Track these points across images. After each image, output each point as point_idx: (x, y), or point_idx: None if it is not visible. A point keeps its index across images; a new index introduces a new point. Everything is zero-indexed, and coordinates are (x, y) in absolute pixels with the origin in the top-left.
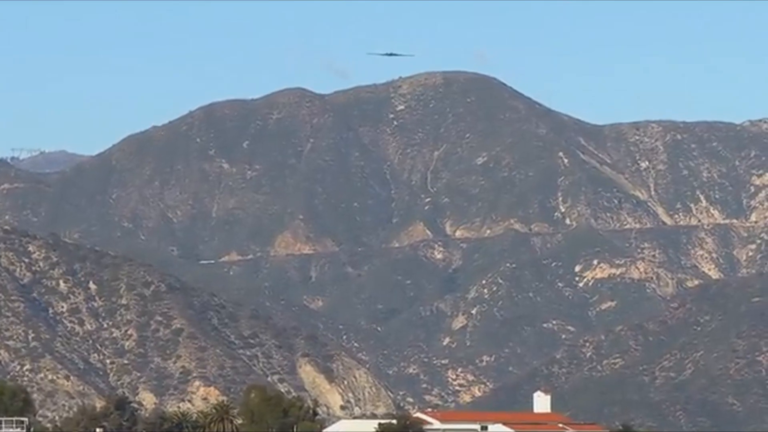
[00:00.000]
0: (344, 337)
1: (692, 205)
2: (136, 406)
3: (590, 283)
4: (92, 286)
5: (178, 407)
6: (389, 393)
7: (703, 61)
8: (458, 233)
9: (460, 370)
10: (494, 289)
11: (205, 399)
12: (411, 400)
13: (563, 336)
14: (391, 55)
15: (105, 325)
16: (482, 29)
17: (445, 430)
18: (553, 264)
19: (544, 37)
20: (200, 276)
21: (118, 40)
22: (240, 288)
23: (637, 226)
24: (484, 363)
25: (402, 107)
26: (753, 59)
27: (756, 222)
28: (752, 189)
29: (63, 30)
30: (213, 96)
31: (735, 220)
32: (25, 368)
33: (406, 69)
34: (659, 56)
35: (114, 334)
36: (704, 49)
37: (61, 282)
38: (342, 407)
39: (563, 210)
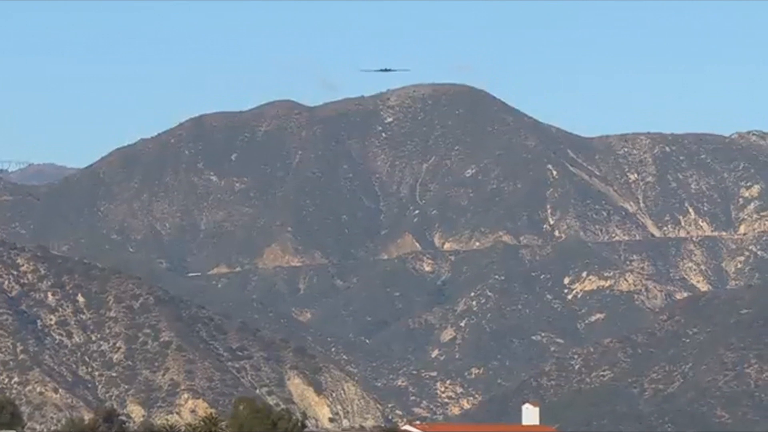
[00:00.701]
0: (333, 349)
1: (681, 217)
2: (124, 418)
3: (579, 296)
4: (80, 298)
5: (167, 420)
6: (378, 405)
7: (692, 73)
8: (447, 245)
9: (448, 382)
10: (483, 301)
11: (193, 411)
12: (400, 412)
13: (552, 348)
14: (385, 71)
15: (93, 338)
16: (471, 42)
17: None
18: (542, 276)
19: (533, 50)
20: (189, 288)
21: (106, 53)
22: (228, 300)
23: (626, 238)
24: (472, 375)
25: (390, 119)
26: (741, 71)
27: (745, 234)
28: (741, 201)
29: (52, 43)
30: (201, 108)
31: (724, 233)
32: (13, 381)
33: (394, 81)
34: (648, 68)
35: (102, 347)
36: (693, 61)
37: (49, 294)
38: (330, 420)
39: (552, 222)
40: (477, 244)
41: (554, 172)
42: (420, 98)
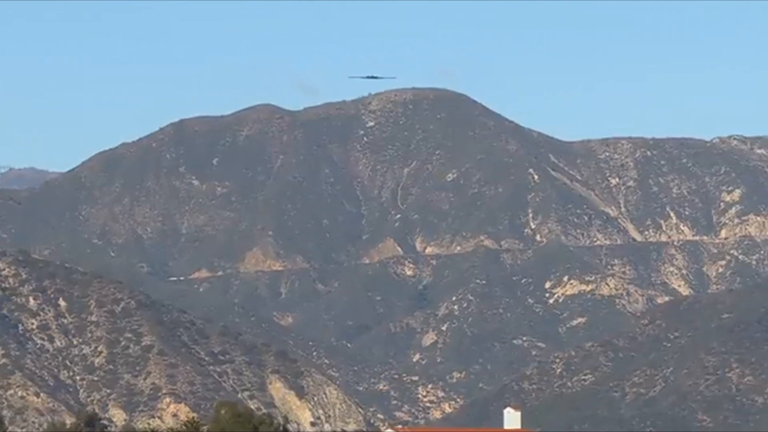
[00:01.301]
0: (314, 353)
1: (662, 221)
2: (106, 422)
3: (560, 300)
4: (62, 302)
5: (148, 424)
6: (359, 409)
7: (673, 78)
8: (428, 250)
9: (430, 386)
10: (464, 305)
11: (175, 416)
12: (381, 416)
13: (533, 352)
14: (372, 78)
15: (75, 342)
16: (452, 46)
17: None
18: (524, 280)
19: (515, 54)
20: (170, 292)
21: (87, 57)
22: (210, 305)
23: (608, 242)
24: (454, 379)
25: (372, 124)
26: (723, 75)
27: (726, 238)
28: (722, 205)
29: (31, 47)
30: (183, 113)
31: (705, 237)
32: None
33: (376, 86)
34: (629, 73)
35: (84, 351)
36: (674, 66)
37: (30, 299)
38: (312, 424)
39: (533, 226)
40: (458, 248)
41: (535, 177)
42: (401, 102)
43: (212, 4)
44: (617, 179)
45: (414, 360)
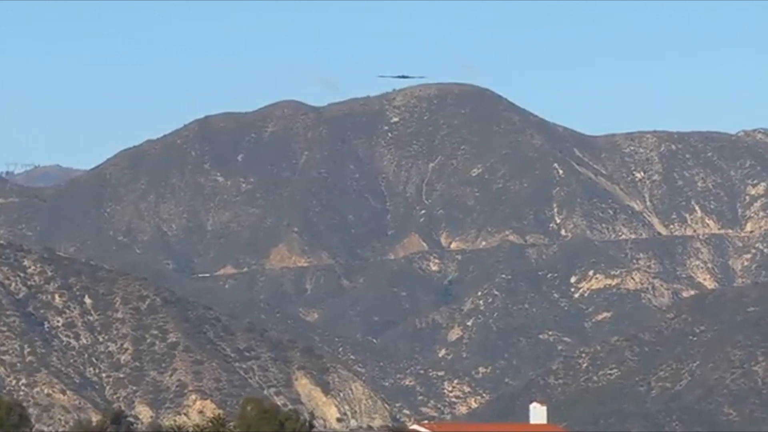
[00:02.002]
0: (340, 349)
1: (687, 215)
2: (132, 420)
3: (586, 294)
4: (87, 300)
5: (174, 421)
6: (385, 405)
7: (697, 71)
8: (453, 245)
9: (456, 381)
10: (490, 300)
11: (201, 412)
12: (407, 412)
13: (559, 347)
14: (402, 77)
15: (101, 339)
16: (476, 41)
17: None
18: (549, 275)
19: (539, 49)
20: (196, 289)
21: (111, 55)
22: (235, 301)
23: (633, 236)
24: (480, 374)
25: (396, 119)
26: (747, 68)
27: (751, 232)
28: (747, 199)
29: (57, 45)
30: (207, 109)
31: (730, 230)
32: (20, 383)
33: (400, 81)
34: (653, 66)
35: (110, 348)
36: (699, 59)
37: (56, 296)
38: (338, 420)
39: (558, 221)
40: (483, 243)
41: (560, 171)
42: (425, 98)
43: (237, 3)
44: (642, 173)
45: (440, 355)
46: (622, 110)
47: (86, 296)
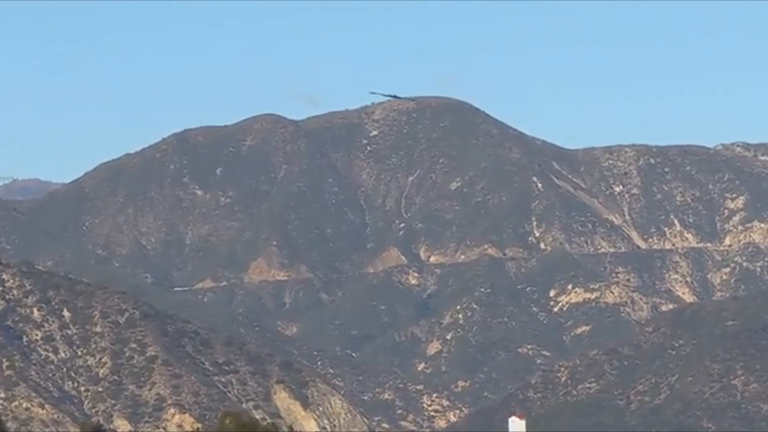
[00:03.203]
0: (319, 363)
1: (666, 228)
2: None
3: (565, 308)
4: (66, 313)
5: None
6: (364, 419)
7: (676, 85)
8: (432, 258)
9: (435, 395)
10: (469, 314)
11: (180, 426)
12: (386, 425)
13: (538, 361)
14: (394, 97)
15: (79, 353)
16: (455, 54)
17: None
18: (528, 289)
19: (518, 61)
20: (174, 303)
21: (90, 68)
22: (214, 315)
23: (612, 250)
24: (459, 388)
25: (375, 133)
26: (726, 82)
27: (730, 246)
28: (726, 212)
29: (34, 58)
30: (186, 123)
31: (709, 244)
32: None
33: (374, 94)
34: (632, 80)
35: (88, 362)
36: (677, 73)
37: (35, 310)
38: None
39: (537, 235)
40: (462, 257)
41: (539, 185)
42: (404, 111)
43: (216, 18)
44: (621, 187)
45: (419, 369)
46: (601, 124)
47: (65, 310)
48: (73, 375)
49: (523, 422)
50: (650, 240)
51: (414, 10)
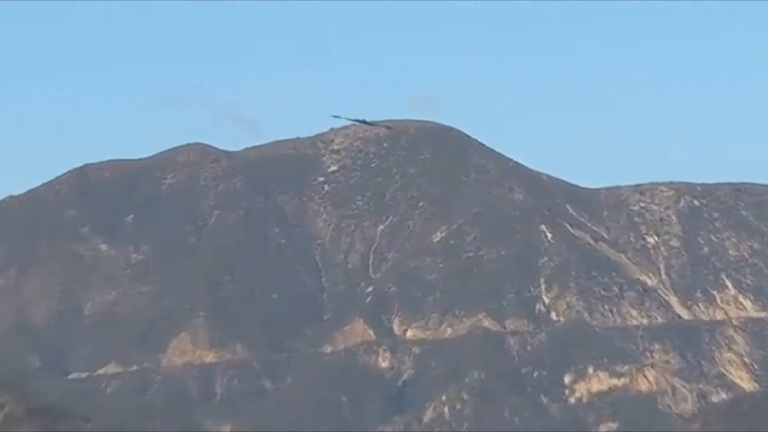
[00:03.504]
0: None
1: (716, 293)
2: None
3: (584, 399)
4: None
5: None
6: None
7: (726, 108)
8: (410, 333)
9: None
10: (458, 407)
11: None
12: None
13: None
14: (362, 122)
15: None
16: (437, 68)
17: None
18: (535, 373)
19: (518, 78)
20: (69, 394)
21: None
22: (122, 409)
23: (645, 321)
24: None
25: (335, 168)
26: None
27: None
28: None
29: None
30: (87, 156)
31: None
32: None
33: (338, 118)
34: (668, 101)
35: None
36: (727, 95)
37: None
38: None
39: (547, 301)
40: (449, 331)
41: (549, 235)
42: (373, 139)
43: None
44: (656, 238)
45: None
46: (629, 155)
47: None
48: None
49: None
50: (695, 308)
51: (389, 11)
